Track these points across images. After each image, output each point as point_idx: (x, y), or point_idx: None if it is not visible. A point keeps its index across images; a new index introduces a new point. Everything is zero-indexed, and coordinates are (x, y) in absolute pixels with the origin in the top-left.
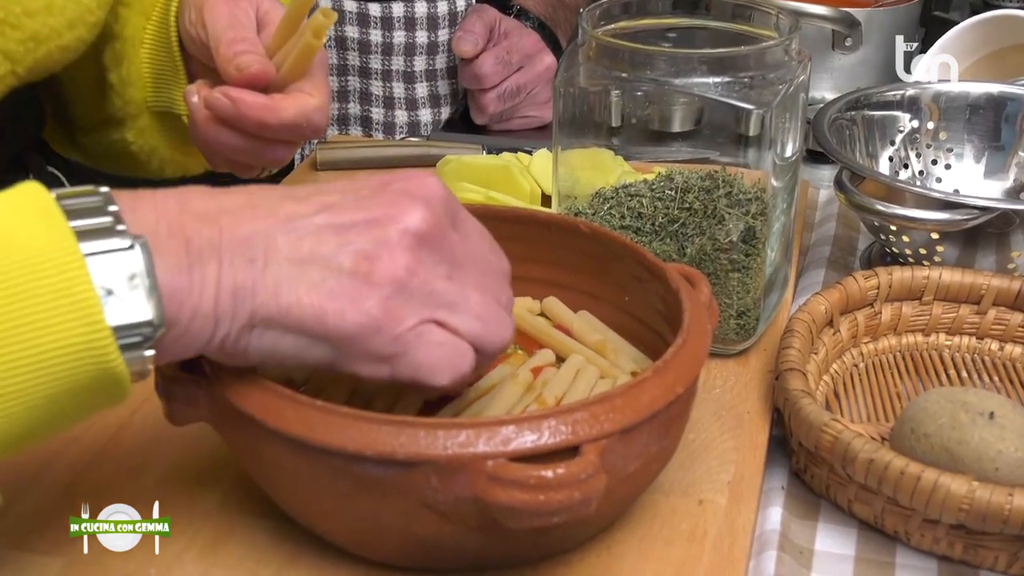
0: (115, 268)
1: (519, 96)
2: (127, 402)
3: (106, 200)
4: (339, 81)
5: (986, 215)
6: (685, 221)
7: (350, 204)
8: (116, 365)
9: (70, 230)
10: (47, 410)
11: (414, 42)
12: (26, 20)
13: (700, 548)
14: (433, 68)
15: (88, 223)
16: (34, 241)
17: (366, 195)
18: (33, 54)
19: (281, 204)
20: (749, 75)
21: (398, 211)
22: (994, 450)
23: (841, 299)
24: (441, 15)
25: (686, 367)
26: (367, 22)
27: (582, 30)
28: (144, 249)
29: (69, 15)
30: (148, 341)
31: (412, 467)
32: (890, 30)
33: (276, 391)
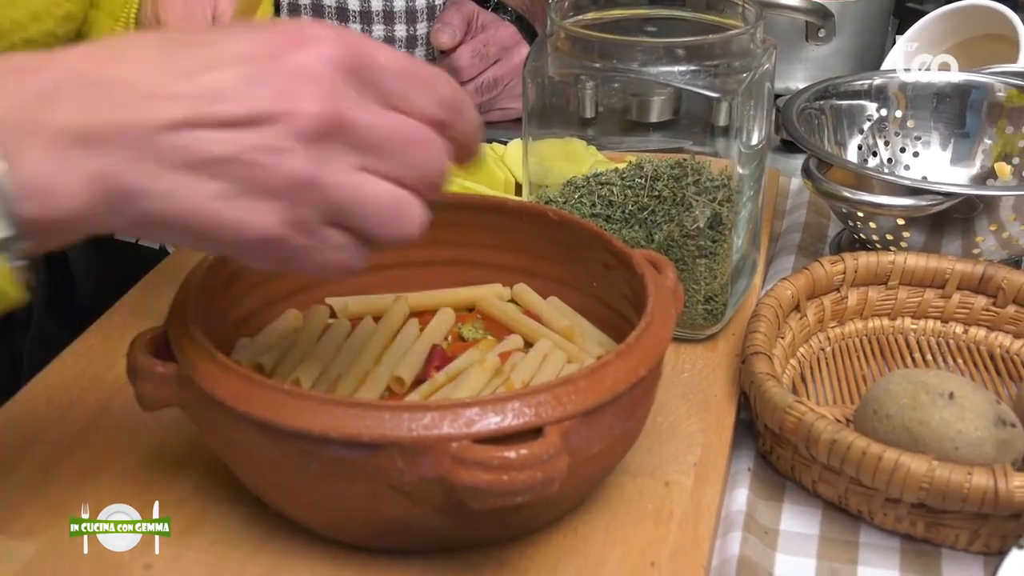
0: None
1: (496, 88)
2: (104, 390)
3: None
4: None
5: (950, 200)
6: (654, 209)
7: (238, 89)
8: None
9: None
10: None
11: (393, 35)
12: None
13: (666, 528)
14: None
15: None
16: None
17: (255, 73)
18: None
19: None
20: (714, 63)
21: (288, 103)
22: (954, 430)
23: (808, 284)
24: (419, 9)
25: (649, 350)
26: (345, 16)
27: (551, 20)
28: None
29: (33, 7)
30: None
31: (378, 449)
32: (863, 21)
33: (243, 375)
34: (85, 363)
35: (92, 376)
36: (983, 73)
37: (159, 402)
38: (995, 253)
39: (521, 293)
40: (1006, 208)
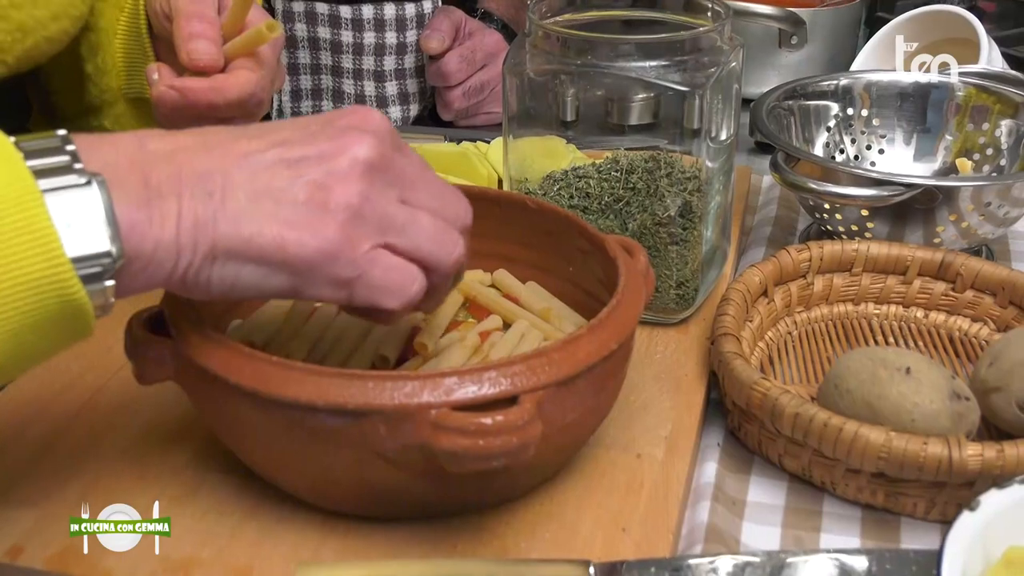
0: (73, 203)
1: (483, 92)
2: (103, 368)
3: (63, 141)
4: (312, 80)
5: (911, 191)
6: (629, 200)
7: (300, 140)
8: (77, 295)
9: (27, 169)
10: (14, 344)
11: (383, 42)
12: (13, 12)
13: (637, 497)
14: (402, 67)
15: (45, 162)
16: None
17: (315, 130)
18: (21, 44)
19: (236, 142)
20: (684, 59)
21: (347, 142)
22: (910, 402)
23: (775, 271)
24: (409, 17)
25: (620, 325)
26: (338, 23)
27: (529, 20)
28: (101, 185)
29: (53, 8)
30: (108, 272)
31: (362, 417)
32: (834, 29)
33: (236, 349)
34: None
35: (91, 357)
36: (945, 73)
37: (156, 377)
38: (955, 243)
39: (501, 278)
40: (964, 199)
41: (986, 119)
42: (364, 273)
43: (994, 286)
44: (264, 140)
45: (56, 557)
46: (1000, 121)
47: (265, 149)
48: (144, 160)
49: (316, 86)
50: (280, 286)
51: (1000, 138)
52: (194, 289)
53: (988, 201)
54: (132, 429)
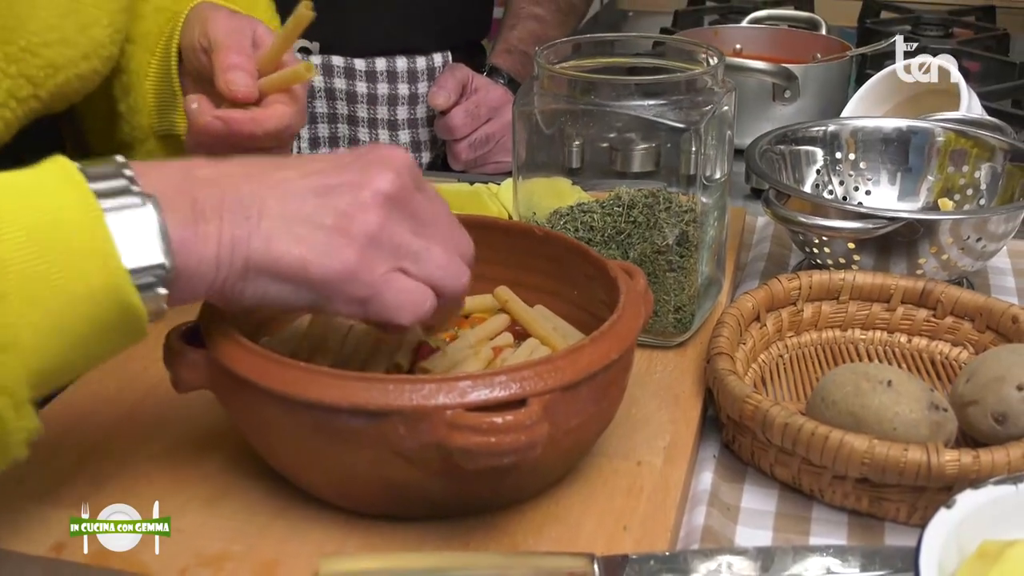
0: (130, 221)
1: (488, 144)
2: (140, 385)
3: (121, 166)
4: (329, 128)
5: (894, 224)
6: (630, 232)
7: (331, 170)
8: (134, 302)
9: (91, 191)
10: (77, 346)
11: (396, 93)
12: (44, 49)
13: (637, 500)
14: (414, 117)
15: (106, 185)
16: (61, 201)
17: (345, 163)
18: (53, 79)
19: (273, 172)
20: (680, 98)
21: (371, 176)
22: (891, 412)
23: (767, 298)
24: (420, 69)
25: (620, 337)
26: (353, 75)
27: (537, 65)
28: (155, 205)
29: (83, 48)
30: (160, 282)
31: (382, 417)
32: (824, 83)
33: (266, 355)
34: (121, 364)
35: (128, 375)
36: (927, 120)
37: (191, 384)
38: (937, 275)
39: (509, 301)
40: (944, 232)
41: (965, 161)
42: (378, 293)
43: (972, 312)
44: (298, 170)
45: (97, 552)
46: (979, 163)
47: (298, 178)
48: (192, 185)
49: (333, 134)
50: (304, 300)
51: (979, 179)
52: (230, 300)
53: (967, 235)
54: (167, 439)
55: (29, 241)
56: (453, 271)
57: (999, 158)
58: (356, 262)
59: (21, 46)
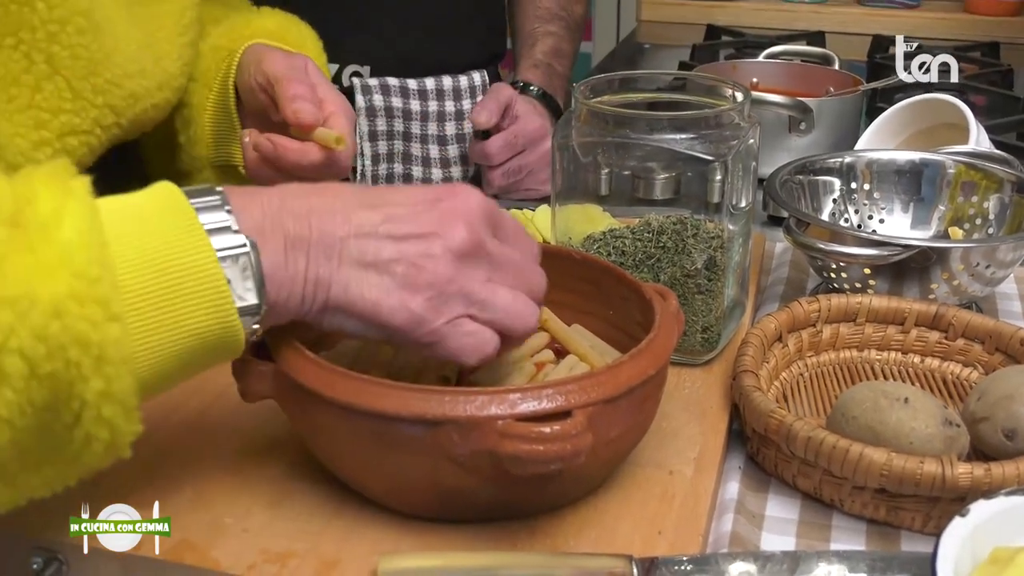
0: (236, 264)
1: (521, 173)
2: (206, 394)
3: (223, 200)
4: (387, 144)
5: (908, 252)
6: (660, 257)
7: (408, 216)
8: (237, 331)
9: (202, 228)
10: (180, 363)
11: (444, 110)
12: (126, 81)
13: (669, 507)
14: (461, 132)
15: (212, 222)
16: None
17: (421, 209)
18: (132, 108)
19: (356, 211)
20: (709, 132)
21: (444, 228)
22: (908, 427)
23: (788, 319)
24: (463, 87)
25: (656, 355)
26: (407, 94)
27: (575, 100)
28: (254, 248)
29: (158, 79)
30: (255, 318)
31: (438, 426)
32: (838, 116)
33: (329, 368)
34: None
35: (195, 384)
36: (938, 153)
37: (258, 394)
38: (948, 299)
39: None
40: (955, 259)
41: (975, 192)
42: (443, 339)
43: (982, 335)
44: (379, 212)
45: (171, 550)
46: (988, 194)
47: (378, 224)
48: (284, 217)
49: (390, 150)
50: (378, 336)
51: (988, 209)
52: (313, 326)
53: (976, 262)
54: (232, 445)
55: (146, 267)
56: (519, 312)
57: (1007, 189)
58: (422, 311)
59: (107, 78)
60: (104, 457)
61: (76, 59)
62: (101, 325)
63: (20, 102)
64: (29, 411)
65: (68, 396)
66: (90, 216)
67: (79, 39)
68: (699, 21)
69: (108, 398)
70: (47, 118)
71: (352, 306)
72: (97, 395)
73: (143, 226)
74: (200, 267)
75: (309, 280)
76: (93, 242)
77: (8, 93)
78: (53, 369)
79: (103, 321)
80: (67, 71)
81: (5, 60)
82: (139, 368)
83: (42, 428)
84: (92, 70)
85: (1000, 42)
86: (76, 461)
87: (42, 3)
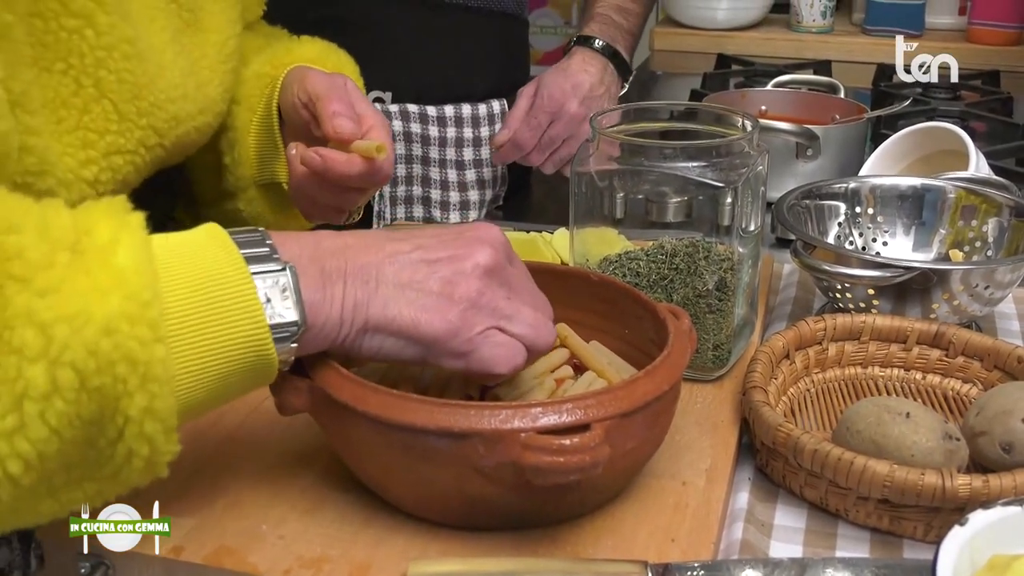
0: (272, 284)
1: (556, 142)
2: (241, 408)
3: (264, 236)
4: (406, 168)
5: (910, 273)
6: (672, 278)
7: (437, 245)
8: (270, 353)
9: (241, 257)
10: (219, 385)
11: (462, 135)
12: (169, 104)
13: (683, 515)
14: (479, 157)
15: (253, 252)
16: (217, 264)
17: (448, 239)
18: (175, 130)
19: (387, 244)
20: (720, 160)
21: (471, 250)
22: (910, 441)
23: (796, 337)
24: (482, 115)
25: (670, 372)
26: (427, 120)
27: (593, 129)
28: (292, 271)
29: (200, 103)
30: (293, 337)
31: (464, 438)
32: (843, 143)
33: (363, 384)
34: None
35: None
36: (939, 178)
37: (294, 408)
38: (948, 318)
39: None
40: (955, 280)
41: (975, 216)
42: (477, 348)
43: (981, 353)
44: (408, 243)
45: (211, 555)
46: (987, 219)
47: (410, 251)
48: (321, 254)
49: (409, 173)
50: (413, 355)
51: (987, 233)
52: (349, 352)
53: (976, 283)
54: (266, 456)
55: (190, 294)
56: (541, 328)
57: (1005, 214)
58: (459, 322)
59: (151, 101)
60: (143, 474)
61: (122, 83)
62: (149, 345)
63: (69, 123)
64: (77, 423)
65: (114, 411)
66: (143, 246)
67: (125, 64)
68: (709, 50)
69: (151, 415)
70: (94, 138)
71: (392, 323)
72: (141, 411)
73: (189, 258)
74: (235, 285)
75: (347, 303)
76: (145, 269)
77: (58, 115)
78: (101, 383)
79: (151, 341)
80: (113, 94)
81: (55, 84)
82: (180, 389)
83: (88, 442)
84: (136, 94)
85: (1000, 70)
86: (116, 477)
87: (91, 31)
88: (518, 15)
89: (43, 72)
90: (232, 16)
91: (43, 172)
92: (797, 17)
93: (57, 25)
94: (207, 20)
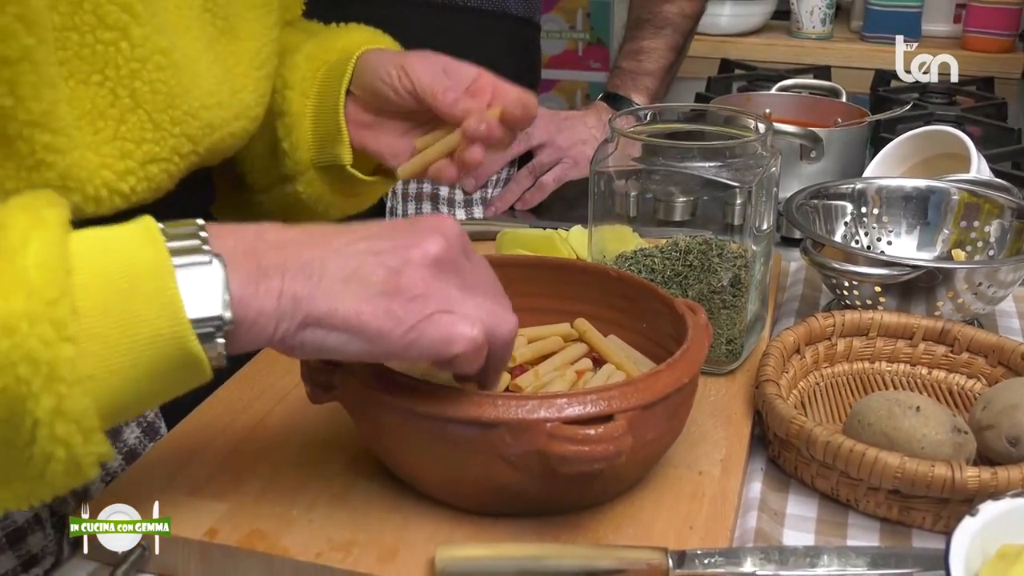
0: (197, 276)
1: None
2: (270, 397)
3: (198, 228)
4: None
5: (915, 272)
6: (687, 275)
7: (386, 235)
8: (195, 348)
9: (166, 248)
10: (144, 383)
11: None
12: (203, 112)
13: (699, 504)
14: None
15: (181, 244)
16: (137, 255)
17: (398, 229)
18: (209, 137)
19: (334, 237)
20: (734, 161)
21: (421, 239)
22: (920, 433)
23: (806, 333)
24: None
25: (689, 365)
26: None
27: (612, 130)
28: (221, 263)
29: (235, 110)
30: (219, 332)
31: (492, 427)
32: (845, 145)
33: (395, 374)
34: (254, 379)
35: (260, 388)
36: (942, 180)
37: (324, 397)
38: (953, 315)
39: (587, 332)
40: (959, 279)
41: (977, 217)
42: (423, 333)
43: (986, 349)
44: (356, 235)
45: (244, 538)
46: (989, 220)
47: (356, 242)
48: (260, 248)
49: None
50: (358, 351)
51: (989, 233)
52: (290, 349)
53: (979, 282)
54: (296, 443)
55: (103, 288)
56: (499, 315)
57: (1007, 215)
58: (402, 312)
59: (184, 110)
60: (67, 476)
61: (156, 93)
62: (53, 345)
63: (106, 134)
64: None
65: (22, 412)
66: (57, 243)
67: (159, 75)
68: (713, 55)
69: (61, 416)
70: (131, 148)
71: (333, 316)
72: (49, 412)
73: (112, 253)
74: (156, 279)
75: (286, 297)
76: (54, 267)
77: (95, 126)
78: (4, 384)
79: (55, 341)
80: (148, 104)
81: (92, 96)
82: (100, 388)
83: (6, 443)
84: (170, 103)
85: (995, 77)
86: (41, 479)
87: (126, 43)
88: (530, 18)
89: (80, 84)
90: (268, 23)
91: (67, 189)
92: (797, 24)
93: (93, 38)
94: (242, 27)
